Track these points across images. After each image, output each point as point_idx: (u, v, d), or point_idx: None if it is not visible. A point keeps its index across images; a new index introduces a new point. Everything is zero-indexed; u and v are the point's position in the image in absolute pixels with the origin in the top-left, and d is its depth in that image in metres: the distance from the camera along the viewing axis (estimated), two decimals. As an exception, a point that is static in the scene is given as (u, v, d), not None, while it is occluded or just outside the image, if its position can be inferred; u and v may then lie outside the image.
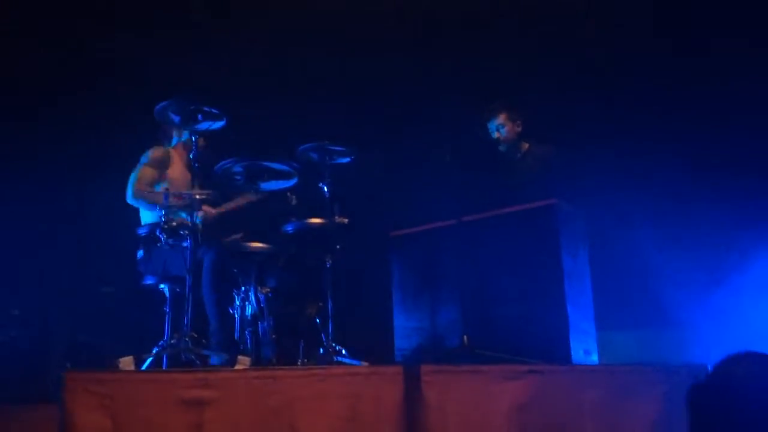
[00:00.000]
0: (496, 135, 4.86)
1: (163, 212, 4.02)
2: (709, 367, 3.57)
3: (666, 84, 5.64)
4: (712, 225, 5.41)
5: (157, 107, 4.00)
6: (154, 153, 4.50)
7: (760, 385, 1.77)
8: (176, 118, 4.07)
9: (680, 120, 5.58)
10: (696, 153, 5.52)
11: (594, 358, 4.13)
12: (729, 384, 1.79)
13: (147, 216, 4.47)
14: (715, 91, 5.46)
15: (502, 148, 4.89)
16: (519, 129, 4.89)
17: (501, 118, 4.86)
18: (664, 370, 3.65)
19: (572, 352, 3.89)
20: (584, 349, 4.03)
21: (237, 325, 4.25)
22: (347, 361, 4.06)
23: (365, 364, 4.00)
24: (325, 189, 4.34)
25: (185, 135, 4.54)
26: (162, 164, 4.50)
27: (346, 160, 4.43)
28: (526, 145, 4.92)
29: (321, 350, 4.13)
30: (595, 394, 3.44)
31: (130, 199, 4.45)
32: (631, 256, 5.49)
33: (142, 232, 4.22)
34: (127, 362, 3.53)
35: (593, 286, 4.31)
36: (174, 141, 4.66)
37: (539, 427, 3.29)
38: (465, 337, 3.98)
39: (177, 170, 4.55)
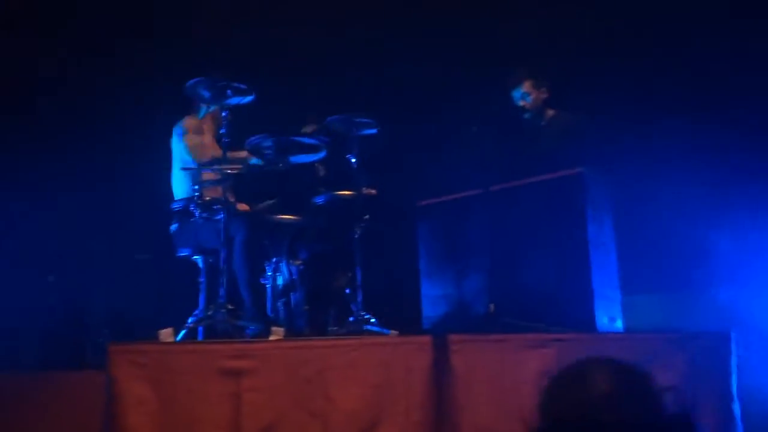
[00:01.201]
0: (521, 103, 4.86)
1: (197, 186, 4.13)
2: (732, 334, 3.67)
3: (693, 53, 5.58)
4: (739, 192, 5.39)
5: (188, 83, 4.09)
6: (187, 123, 4.58)
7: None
8: (206, 94, 4.15)
9: (709, 87, 5.54)
10: (725, 119, 5.49)
11: (618, 325, 4.19)
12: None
13: (180, 190, 4.57)
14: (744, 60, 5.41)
15: (527, 116, 4.88)
16: (544, 96, 4.87)
17: (526, 86, 4.84)
18: (687, 336, 3.71)
19: (597, 320, 3.94)
20: (609, 317, 4.09)
21: (269, 296, 4.37)
22: (377, 329, 4.16)
23: (394, 332, 4.10)
24: (353, 161, 4.40)
25: (204, 110, 4.62)
26: (198, 132, 4.59)
27: (373, 131, 4.48)
28: (552, 113, 4.92)
29: (351, 319, 4.24)
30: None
31: (183, 172, 4.43)
32: (656, 221, 5.50)
33: (176, 206, 4.34)
34: (166, 333, 3.67)
35: (618, 252, 4.35)
36: (203, 112, 4.74)
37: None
38: (491, 305, 4.05)
39: (208, 139, 4.64)
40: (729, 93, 5.42)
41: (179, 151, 4.55)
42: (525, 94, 4.85)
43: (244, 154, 4.48)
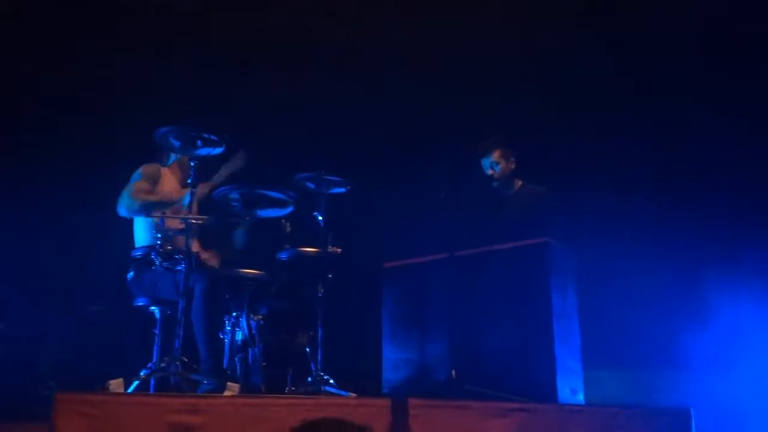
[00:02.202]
0: (489, 171, 4.93)
1: (160, 235, 4.06)
2: (692, 411, 3.65)
3: (656, 125, 5.74)
4: (701, 267, 5.47)
5: (159, 131, 4.05)
6: (145, 168, 4.52)
7: None
8: (176, 143, 4.12)
9: (675, 161, 5.67)
10: (689, 196, 5.60)
11: (580, 398, 4.16)
12: None
13: (141, 238, 4.49)
14: (707, 130, 5.56)
15: (495, 184, 4.95)
16: (513, 166, 4.96)
17: (495, 155, 4.92)
18: (649, 412, 3.68)
19: (559, 391, 3.91)
20: (570, 388, 4.06)
21: (227, 351, 4.27)
22: (335, 391, 4.08)
23: (353, 394, 4.01)
24: (320, 218, 4.39)
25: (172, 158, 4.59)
26: (153, 179, 4.51)
27: (342, 190, 4.49)
28: (520, 183, 4.99)
29: (309, 379, 4.15)
30: (580, 434, 3.47)
31: (123, 210, 4.38)
32: (620, 296, 5.53)
33: (137, 254, 4.25)
34: (117, 384, 3.55)
35: (581, 325, 4.35)
36: (171, 160, 4.70)
37: (524, 465, 3.32)
38: (453, 371, 4.00)
39: (170, 185, 4.58)
40: (700, 168, 5.56)
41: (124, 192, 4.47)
42: (494, 163, 4.92)
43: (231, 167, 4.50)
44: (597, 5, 5.56)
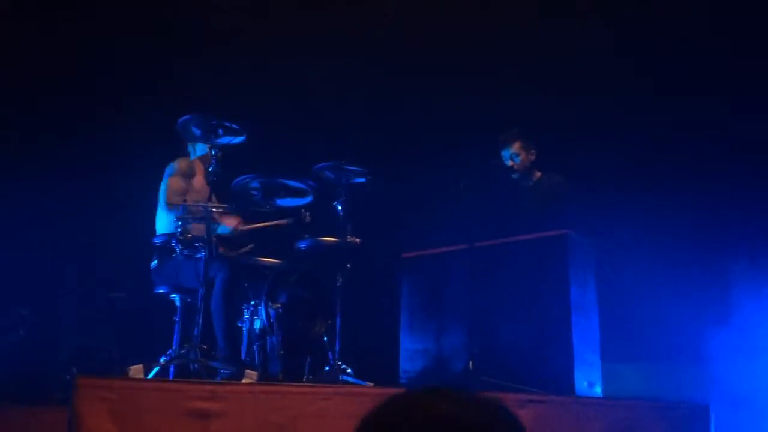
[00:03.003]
0: (509, 163, 4.91)
1: (180, 223, 4.09)
2: (711, 405, 3.63)
3: (677, 116, 5.68)
4: (723, 260, 5.42)
5: (180, 120, 4.08)
6: (180, 164, 4.57)
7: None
8: (197, 132, 4.15)
9: (693, 154, 5.62)
10: (708, 187, 5.55)
11: (597, 390, 4.14)
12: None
13: (163, 226, 4.52)
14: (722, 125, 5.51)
15: (515, 176, 4.93)
16: (532, 158, 4.93)
17: (515, 147, 4.90)
18: (667, 406, 3.67)
19: (576, 384, 3.90)
20: (588, 381, 4.05)
21: (245, 339, 4.30)
22: (352, 380, 4.09)
23: (370, 384, 4.03)
24: (339, 208, 4.40)
25: (201, 149, 4.61)
26: (187, 175, 4.57)
27: (362, 180, 4.49)
28: (539, 174, 4.97)
29: (327, 368, 4.16)
30: (597, 427, 3.46)
31: (163, 209, 4.48)
32: (639, 289, 5.50)
33: (157, 241, 4.28)
34: (137, 370, 3.59)
35: (600, 318, 4.33)
36: (197, 152, 4.72)
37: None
38: (470, 362, 4.00)
39: (199, 182, 4.63)
40: (716, 163, 5.50)
41: (162, 188, 4.52)
42: (514, 155, 4.90)
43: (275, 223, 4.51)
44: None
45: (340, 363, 4.14)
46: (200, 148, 4.64)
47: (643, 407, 3.63)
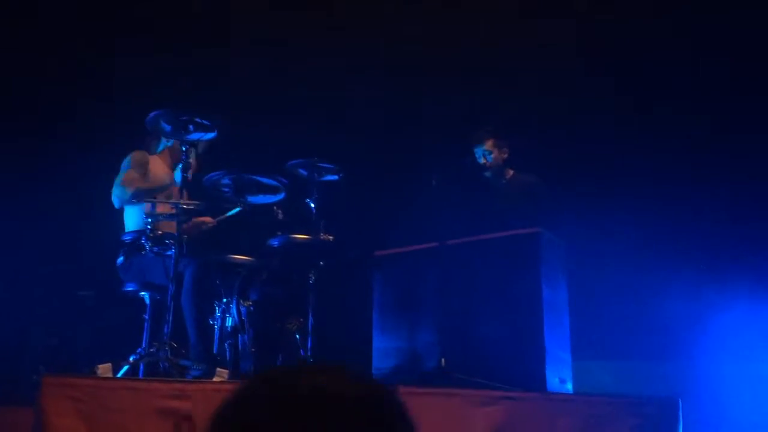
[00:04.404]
0: (482, 161, 4.92)
1: (150, 220, 4.04)
2: (680, 401, 3.67)
3: (647, 117, 5.75)
4: (692, 261, 5.49)
5: (150, 115, 4.03)
6: (134, 156, 4.50)
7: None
8: (167, 128, 4.10)
9: (664, 153, 5.68)
10: (680, 186, 5.62)
11: (569, 387, 4.17)
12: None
13: (132, 223, 4.47)
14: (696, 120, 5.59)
15: (487, 174, 4.95)
16: (505, 156, 4.95)
17: (488, 144, 4.91)
18: (636, 402, 3.69)
19: (547, 380, 3.92)
20: (559, 378, 4.07)
21: (216, 336, 4.26)
22: (324, 378, 4.06)
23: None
24: (312, 205, 4.38)
25: (162, 144, 4.58)
26: (143, 166, 4.49)
27: (334, 177, 4.48)
28: (511, 173, 4.99)
29: (299, 366, 4.13)
30: (568, 423, 3.48)
31: (116, 201, 4.40)
32: (610, 288, 5.55)
33: (126, 238, 4.23)
34: (105, 369, 3.53)
35: (571, 315, 4.36)
36: (161, 146, 4.67)
37: (512, 453, 3.32)
38: (442, 359, 4.00)
39: (161, 170, 4.56)
40: (690, 157, 5.58)
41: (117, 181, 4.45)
42: (487, 152, 4.91)
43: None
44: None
45: (312, 360, 4.12)
46: (162, 145, 4.60)
47: (614, 403, 3.65)
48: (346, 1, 5.71)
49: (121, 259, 4.31)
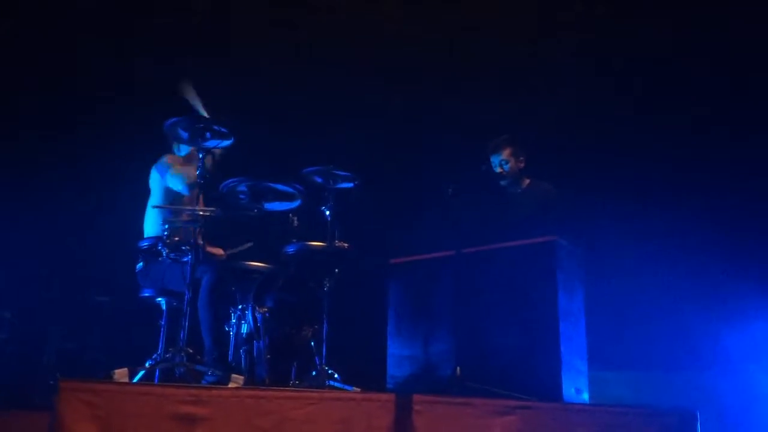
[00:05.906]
0: (498, 169, 4.91)
1: (167, 226, 4.06)
2: (698, 413, 3.63)
3: (666, 124, 5.72)
4: (711, 273, 5.44)
5: (167, 122, 4.05)
6: (170, 159, 4.54)
7: None
8: (185, 134, 4.12)
9: (680, 162, 5.65)
10: (698, 196, 5.58)
11: (585, 397, 4.14)
12: None
13: (150, 229, 4.49)
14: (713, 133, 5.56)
15: (504, 182, 4.94)
16: (522, 165, 4.95)
17: (505, 153, 4.91)
18: (653, 413, 3.66)
19: (563, 390, 3.89)
20: (576, 388, 4.04)
21: (232, 343, 4.27)
22: (339, 385, 4.07)
23: (357, 389, 4.00)
24: (327, 213, 4.38)
25: (185, 149, 4.59)
26: (183, 164, 4.53)
27: (350, 185, 4.48)
28: (528, 181, 4.98)
29: (314, 373, 4.14)
30: (584, 433, 3.46)
31: (185, 188, 4.41)
32: (627, 297, 5.51)
33: (144, 244, 4.25)
34: (122, 374, 3.54)
35: (588, 325, 4.33)
36: (183, 152, 4.68)
37: (527, 463, 3.30)
38: (457, 368, 3.99)
39: (192, 172, 4.57)
40: (710, 169, 5.54)
41: (159, 188, 4.48)
42: (503, 161, 4.91)
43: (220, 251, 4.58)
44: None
45: (326, 368, 4.12)
46: (184, 149, 4.62)
47: (631, 414, 3.62)
48: (366, 8, 5.72)
49: (140, 264, 4.34)
